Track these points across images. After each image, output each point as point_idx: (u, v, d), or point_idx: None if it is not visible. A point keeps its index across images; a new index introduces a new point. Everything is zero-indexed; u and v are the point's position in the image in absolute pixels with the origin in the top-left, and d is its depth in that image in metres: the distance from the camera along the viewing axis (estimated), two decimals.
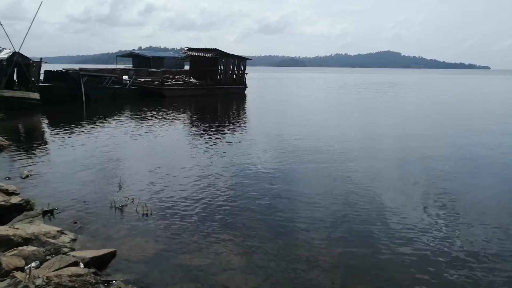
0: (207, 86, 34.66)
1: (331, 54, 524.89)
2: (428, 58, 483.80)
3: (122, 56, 55.72)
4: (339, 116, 22.73)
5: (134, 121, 18.81)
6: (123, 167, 10.13)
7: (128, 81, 30.37)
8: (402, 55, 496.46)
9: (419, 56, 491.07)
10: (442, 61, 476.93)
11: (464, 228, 6.63)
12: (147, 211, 7.04)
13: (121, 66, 49.20)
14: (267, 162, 10.89)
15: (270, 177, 9.38)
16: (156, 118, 19.80)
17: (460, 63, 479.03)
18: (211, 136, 15.04)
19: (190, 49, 37.90)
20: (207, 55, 35.19)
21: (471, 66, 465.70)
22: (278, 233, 6.31)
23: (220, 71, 36.32)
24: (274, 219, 6.89)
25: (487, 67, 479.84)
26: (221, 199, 7.82)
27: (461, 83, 76.54)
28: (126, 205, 7.31)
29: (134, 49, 63.20)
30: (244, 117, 22.41)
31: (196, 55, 36.15)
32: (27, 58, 21.75)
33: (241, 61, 38.93)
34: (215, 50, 35.80)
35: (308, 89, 50.09)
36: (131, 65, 50.98)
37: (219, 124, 18.83)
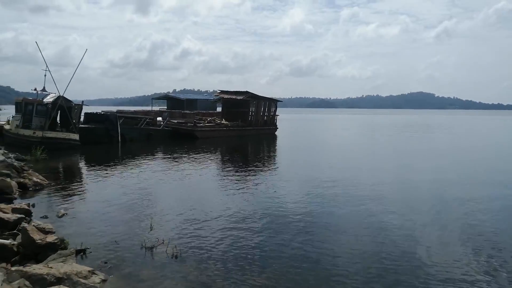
0: (238, 127, 35.21)
1: (363, 95, 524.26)
2: (464, 99, 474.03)
3: (158, 98, 58.08)
4: (372, 159, 22.33)
5: (167, 162, 19.22)
6: (155, 208, 10.24)
7: (162, 123, 31.39)
8: (436, 96, 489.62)
9: (454, 97, 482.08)
10: (478, 102, 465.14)
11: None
12: (177, 252, 7.01)
13: (156, 108, 51.17)
14: (297, 205, 10.72)
15: (300, 221, 9.21)
16: (188, 158, 20.16)
17: (498, 103, 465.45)
18: (242, 177, 15.09)
19: (222, 92, 39.01)
20: (238, 98, 36.00)
21: (509, 107, 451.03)
22: (308, 279, 6.09)
23: (251, 113, 36.95)
24: (305, 265, 6.68)
25: None
26: (252, 242, 7.70)
27: (500, 124, 73.98)
28: (157, 246, 7.32)
29: (169, 92, 65.94)
30: (274, 158, 22.46)
31: (228, 98, 37.10)
32: (70, 101, 23.04)
33: (272, 103, 39.57)
34: (246, 92, 36.61)
35: (339, 130, 49.91)
36: (166, 107, 52.89)
37: (250, 165, 18.90)
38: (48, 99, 22.97)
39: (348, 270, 6.48)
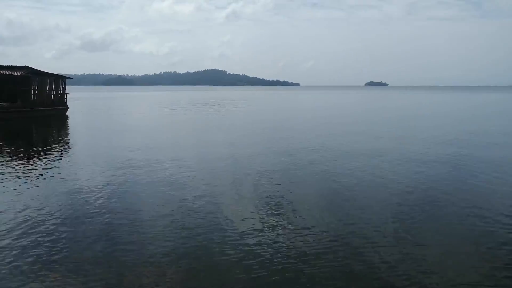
0: (17, 108, 29.84)
1: (161, 72, 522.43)
2: (250, 76, 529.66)
3: None
4: (170, 136, 22.44)
5: None
6: None
7: None
8: (228, 73, 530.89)
9: (243, 74, 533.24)
10: (262, 78, 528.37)
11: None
12: None
13: None
14: (98, 195, 9.71)
15: (102, 214, 8.36)
16: None
17: (277, 80, 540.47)
18: (26, 166, 12.70)
19: None
20: (15, 74, 30.38)
21: (285, 83, 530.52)
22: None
23: (34, 92, 31.90)
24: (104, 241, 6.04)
25: (297, 84, 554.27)
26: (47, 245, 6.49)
27: (280, 97, 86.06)
28: None
29: None
30: (67, 143, 19.81)
31: (1, 74, 30.77)
32: None
33: (60, 80, 35.09)
34: (25, 67, 31.37)
35: (141, 107, 48.45)
36: None
37: (38, 153, 16.14)
38: None
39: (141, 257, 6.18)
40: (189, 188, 10.10)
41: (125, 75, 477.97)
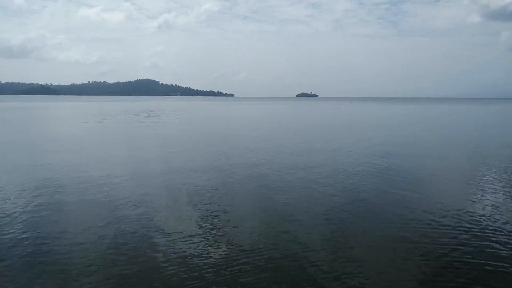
0: None
1: (89, 81, 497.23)
2: (184, 86, 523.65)
3: None
4: (98, 152, 21.32)
5: None
6: None
7: None
8: (161, 83, 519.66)
9: (176, 85, 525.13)
10: (196, 89, 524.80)
11: None
12: None
13: None
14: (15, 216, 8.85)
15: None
16: None
17: (211, 91, 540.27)
18: None
19: None
20: None
21: (219, 94, 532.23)
22: None
23: None
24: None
25: (231, 94, 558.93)
26: None
27: (214, 108, 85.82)
28: None
29: None
30: None
31: None
32: None
33: None
34: None
35: (66, 119, 45.42)
36: None
37: None
38: None
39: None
40: (119, 210, 9.58)
41: (49, 84, 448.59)
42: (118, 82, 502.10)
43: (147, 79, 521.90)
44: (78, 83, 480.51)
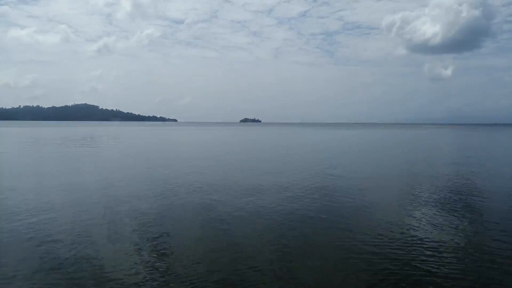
0: None
1: (20, 106, 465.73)
2: (125, 111, 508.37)
3: None
4: (29, 181, 19.64)
5: None
6: None
7: None
8: (100, 108, 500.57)
9: (116, 109, 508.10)
10: (138, 114, 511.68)
11: None
12: None
13: None
14: None
15: None
16: None
17: (153, 116, 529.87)
18: None
19: None
20: None
21: (162, 119, 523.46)
22: None
23: None
24: None
25: (175, 120, 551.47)
26: None
27: (155, 133, 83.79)
28: None
29: None
30: None
31: None
32: None
33: None
34: None
35: None
36: None
37: None
38: None
39: None
40: (56, 241, 8.69)
41: None
42: (53, 107, 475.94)
43: (85, 103, 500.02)
44: (7, 108, 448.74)
